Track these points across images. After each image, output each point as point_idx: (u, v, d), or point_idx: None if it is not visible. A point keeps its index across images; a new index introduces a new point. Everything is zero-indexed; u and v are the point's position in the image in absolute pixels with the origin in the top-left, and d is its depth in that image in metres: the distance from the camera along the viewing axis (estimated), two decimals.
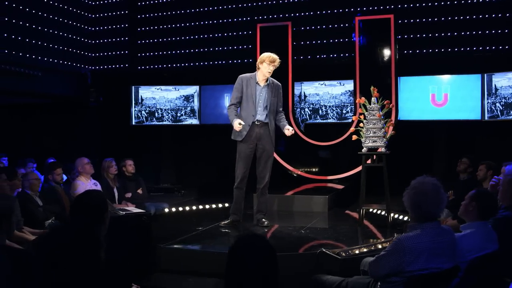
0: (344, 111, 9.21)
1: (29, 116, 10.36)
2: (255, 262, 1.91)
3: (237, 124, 5.29)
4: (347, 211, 6.86)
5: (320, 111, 9.38)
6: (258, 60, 5.47)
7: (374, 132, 5.39)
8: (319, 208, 6.63)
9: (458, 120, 8.26)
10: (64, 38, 9.76)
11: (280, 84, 5.65)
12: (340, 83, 9.16)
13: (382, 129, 5.38)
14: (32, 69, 8.52)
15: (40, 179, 5.94)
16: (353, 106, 8.75)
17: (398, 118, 8.35)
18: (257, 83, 5.48)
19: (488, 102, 8.09)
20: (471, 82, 8.20)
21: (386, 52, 8.25)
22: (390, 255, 3.05)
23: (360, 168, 6.76)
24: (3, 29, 8.37)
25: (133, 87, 9.92)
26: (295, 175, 8.68)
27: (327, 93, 9.29)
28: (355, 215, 6.11)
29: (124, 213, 4.49)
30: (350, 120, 8.12)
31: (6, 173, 4.83)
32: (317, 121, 9.38)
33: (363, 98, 5.64)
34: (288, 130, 5.52)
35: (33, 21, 9.02)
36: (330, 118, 9.33)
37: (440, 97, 8.40)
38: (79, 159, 6.72)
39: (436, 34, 8.49)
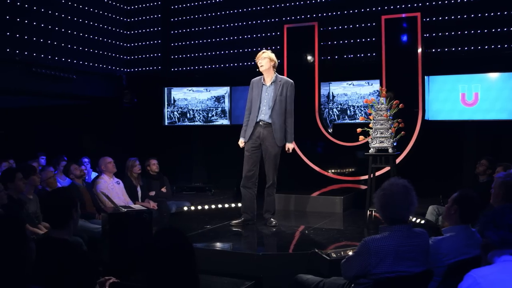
0: None
1: (68, 116, 10.87)
2: (171, 255, 2.03)
3: (239, 143, 5.66)
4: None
5: (348, 111, 9.30)
6: None
7: (381, 133, 5.32)
8: (334, 209, 6.60)
9: (489, 120, 7.97)
10: (100, 42, 10.18)
11: (290, 81, 5.56)
12: (368, 83, 9.03)
13: (389, 130, 5.30)
14: (68, 72, 8.95)
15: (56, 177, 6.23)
16: None
17: (426, 118, 8.16)
18: (263, 83, 5.57)
19: None
20: (502, 81, 7.89)
21: (413, 51, 8.08)
22: (357, 257, 3.05)
23: (387, 169, 6.62)
24: (43, 35, 8.83)
25: (165, 88, 10.22)
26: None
27: (355, 93, 9.19)
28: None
29: (125, 210, 4.67)
30: None
31: (22, 171, 5.11)
32: (346, 121, 9.30)
33: (372, 98, 5.57)
34: (287, 150, 5.57)
35: (71, 27, 9.45)
36: (358, 119, 9.22)
37: (470, 96, 8.13)
38: (102, 158, 7.02)
39: (466, 32, 8.21)
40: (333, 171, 8.76)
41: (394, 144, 5.41)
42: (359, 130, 5.72)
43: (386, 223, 3.07)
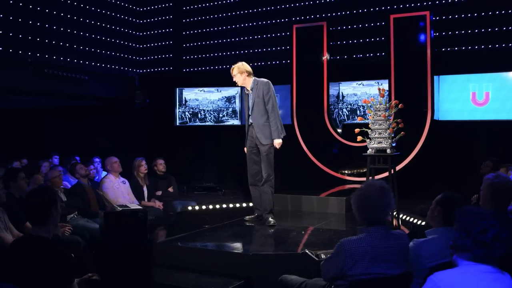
0: None
1: (81, 117, 11.06)
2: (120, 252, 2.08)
3: (244, 150, 6.03)
4: None
5: (358, 111, 9.24)
6: None
7: (380, 133, 5.27)
8: (336, 210, 6.57)
9: (501, 120, 7.82)
10: (113, 43, 10.33)
11: (265, 80, 5.83)
12: (378, 82, 8.95)
13: (388, 130, 5.25)
14: (80, 73, 9.11)
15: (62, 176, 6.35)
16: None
17: (435, 118, 8.05)
18: (247, 92, 5.93)
19: None
20: None
21: (422, 50, 7.97)
22: (334, 258, 3.04)
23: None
24: (55, 37, 9.00)
25: (177, 89, 10.31)
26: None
27: (365, 93, 9.12)
28: None
29: (120, 209, 4.74)
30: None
31: (25, 171, 5.24)
32: (355, 121, 9.22)
33: (372, 98, 5.53)
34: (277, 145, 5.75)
35: (84, 28, 9.62)
36: (368, 119, 9.14)
37: (481, 96, 7.99)
38: (108, 158, 7.12)
39: (476, 30, 8.06)
40: (342, 171, 8.71)
41: (393, 144, 5.34)
42: (357, 130, 5.69)
43: (364, 224, 3.05)
